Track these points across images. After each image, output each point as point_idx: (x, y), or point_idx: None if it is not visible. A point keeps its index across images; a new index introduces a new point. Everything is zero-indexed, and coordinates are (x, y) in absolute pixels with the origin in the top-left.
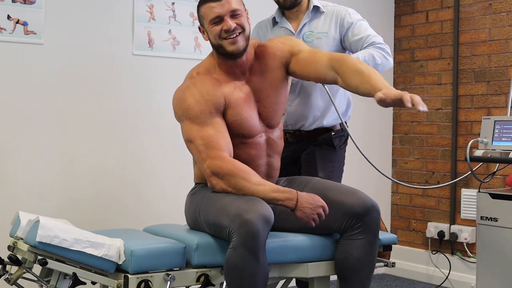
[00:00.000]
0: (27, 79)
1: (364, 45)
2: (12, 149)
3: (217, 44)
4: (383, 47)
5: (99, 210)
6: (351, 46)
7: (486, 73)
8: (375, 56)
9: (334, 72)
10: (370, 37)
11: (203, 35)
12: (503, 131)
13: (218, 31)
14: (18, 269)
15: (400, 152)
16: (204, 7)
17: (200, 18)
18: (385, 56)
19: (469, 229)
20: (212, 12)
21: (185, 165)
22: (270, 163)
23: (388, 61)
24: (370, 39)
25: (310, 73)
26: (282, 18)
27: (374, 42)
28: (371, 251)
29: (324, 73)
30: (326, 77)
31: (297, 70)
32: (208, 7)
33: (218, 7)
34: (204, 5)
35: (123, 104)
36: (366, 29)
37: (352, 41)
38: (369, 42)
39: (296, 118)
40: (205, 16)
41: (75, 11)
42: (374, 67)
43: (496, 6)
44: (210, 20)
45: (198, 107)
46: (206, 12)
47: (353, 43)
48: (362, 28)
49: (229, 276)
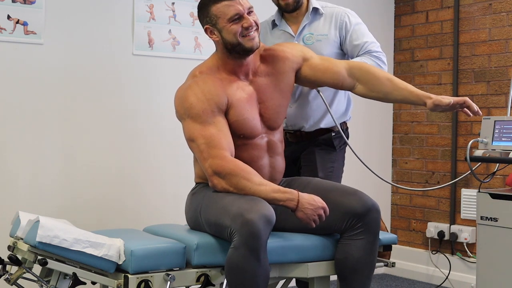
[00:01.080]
0: (27, 79)
1: (360, 52)
2: (12, 149)
3: (235, 42)
4: (379, 55)
5: (99, 210)
6: (348, 51)
7: (486, 73)
8: None
9: (353, 79)
10: (367, 44)
11: (210, 35)
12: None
13: (238, 28)
14: (18, 269)
15: (400, 152)
16: (219, 6)
17: (212, 17)
18: (380, 65)
19: (469, 229)
20: (231, 10)
21: (185, 165)
22: (272, 164)
23: (382, 70)
24: (366, 47)
25: (327, 79)
26: (281, 21)
27: (371, 51)
28: (371, 251)
29: (341, 79)
30: (343, 83)
31: (311, 75)
32: (225, 6)
33: (237, 5)
34: (218, 4)
35: (123, 104)
36: (363, 35)
37: (349, 46)
38: (365, 50)
39: (296, 120)
40: (221, 15)
41: (75, 11)
42: None
43: (496, 6)
44: (230, 18)
45: (200, 106)
46: (223, 11)
47: (350, 48)
48: (359, 33)
49: (230, 276)
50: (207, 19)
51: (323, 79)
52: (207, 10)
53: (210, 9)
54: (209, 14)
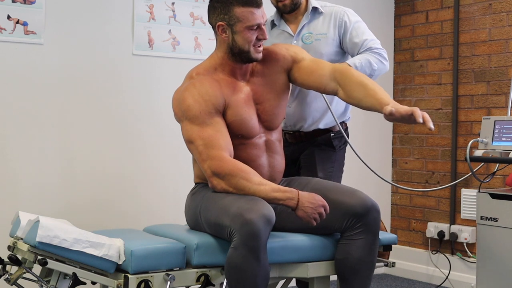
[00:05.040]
0: (27, 79)
1: (361, 49)
2: (12, 149)
3: (245, 49)
4: (380, 51)
5: (99, 210)
6: (348, 49)
7: (486, 73)
8: (371, 62)
9: (336, 83)
10: (367, 41)
11: (220, 33)
12: (503, 131)
13: (253, 37)
14: (18, 269)
15: (400, 152)
16: (244, 10)
17: (232, 18)
18: (382, 61)
19: (469, 229)
20: (254, 18)
21: (185, 165)
22: (271, 163)
23: (384, 65)
24: (367, 44)
25: (311, 82)
26: (280, 20)
27: (371, 48)
28: (371, 251)
29: (325, 83)
30: (326, 87)
31: (298, 78)
32: (250, 12)
33: (259, 16)
34: (243, 8)
35: (123, 104)
36: (363, 33)
37: (349, 44)
38: (366, 47)
39: (295, 119)
40: (243, 19)
41: (75, 11)
42: (371, 72)
43: (496, 6)
44: (250, 25)
45: (198, 108)
46: (246, 16)
47: (350, 46)
48: (359, 31)
49: (230, 276)
50: (226, 16)
51: (307, 82)
52: (229, 8)
53: (232, 9)
54: (230, 13)
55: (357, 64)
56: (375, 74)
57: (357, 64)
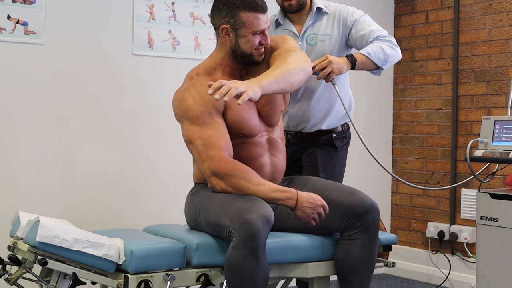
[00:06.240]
0: (27, 79)
1: (370, 39)
2: (12, 149)
3: (248, 52)
4: (389, 39)
5: (99, 210)
6: (356, 43)
7: (486, 73)
8: (383, 48)
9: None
10: (374, 31)
11: (224, 35)
12: (503, 131)
13: (256, 42)
14: (18, 269)
15: (400, 152)
16: (250, 15)
17: (238, 22)
18: (393, 47)
19: (469, 229)
20: (259, 24)
21: (185, 165)
22: (273, 163)
23: (396, 51)
24: (374, 34)
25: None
26: (285, 20)
27: (380, 36)
28: (371, 251)
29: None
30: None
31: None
32: (256, 17)
33: (264, 22)
34: (249, 13)
35: (123, 104)
36: (369, 24)
37: (356, 38)
38: (374, 37)
39: (298, 120)
40: (249, 24)
41: (75, 11)
42: (385, 58)
43: (496, 6)
44: (255, 30)
45: (198, 108)
46: (251, 21)
47: (358, 40)
48: (365, 23)
49: (229, 276)
50: (231, 20)
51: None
52: (235, 12)
53: (239, 13)
54: (236, 17)
55: (369, 51)
56: (389, 59)
57: (370, 51)
